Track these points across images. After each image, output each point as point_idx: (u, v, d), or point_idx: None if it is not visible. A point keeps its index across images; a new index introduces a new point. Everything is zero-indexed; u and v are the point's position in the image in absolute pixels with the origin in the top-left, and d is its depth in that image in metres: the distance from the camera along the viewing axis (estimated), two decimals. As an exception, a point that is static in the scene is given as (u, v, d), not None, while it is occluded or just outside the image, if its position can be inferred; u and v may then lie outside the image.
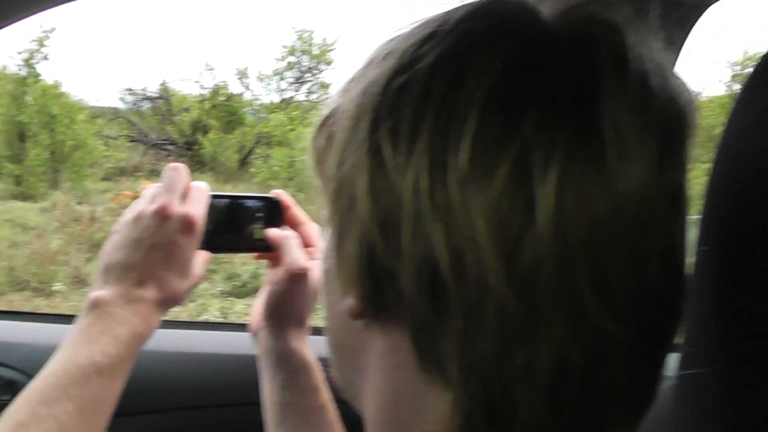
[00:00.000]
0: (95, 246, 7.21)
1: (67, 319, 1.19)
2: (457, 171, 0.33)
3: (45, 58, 12.73)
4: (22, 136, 11.92)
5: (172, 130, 16.23)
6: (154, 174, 12.52)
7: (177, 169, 0.73)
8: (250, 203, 0.83)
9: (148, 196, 0.72)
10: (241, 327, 1.13)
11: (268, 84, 16.59)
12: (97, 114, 14.80)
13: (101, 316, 0.64)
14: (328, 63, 16.61)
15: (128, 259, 0.68)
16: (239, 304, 5.43)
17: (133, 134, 16.32)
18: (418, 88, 0.36)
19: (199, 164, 14.64)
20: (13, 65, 12.33)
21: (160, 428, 1.09)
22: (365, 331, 0.41)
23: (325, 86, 16.59)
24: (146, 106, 17.16)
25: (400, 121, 0.36)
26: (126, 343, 0.64)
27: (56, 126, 12.07)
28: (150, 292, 0.67)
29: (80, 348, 0.62)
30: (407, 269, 0.35)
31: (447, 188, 0.34)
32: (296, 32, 15.95)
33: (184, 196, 0.72)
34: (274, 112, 15.14)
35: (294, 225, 0.84)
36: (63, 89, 12.56)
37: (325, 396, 0.80)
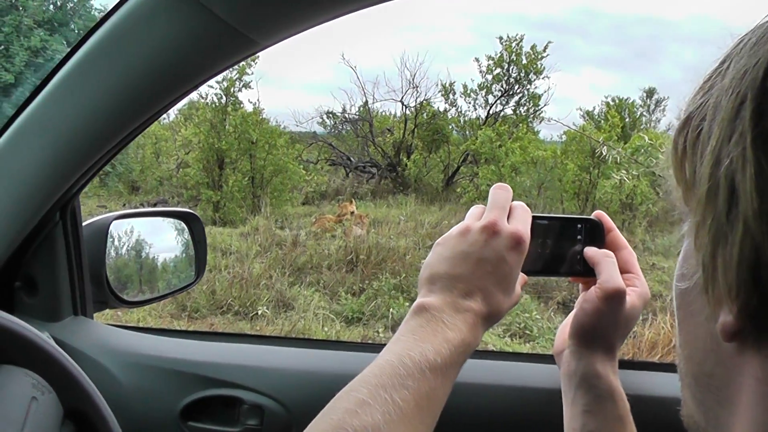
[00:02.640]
0: (298, 270, 7.41)
1: (314, 343, 1.33)
2: None
3: (245, 86, 13.15)
4: (221, 163, 12.47)
5: (374, 152, 16.57)
6: (356, 197, 12.63)
7: (503, 188, 0.80)
8: (570, 225, 0.88)
9: (474, 213, 0.79)
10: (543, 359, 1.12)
11: (474, 99, 16.26)
12: (296, 139, 15.21)
13: (431, 320, 0.68)
14: (539, 72, 15.93)
15: (454, 271, 0.73)
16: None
17: (333, 158, 16.95)
18: None
19: (402, 186, 15.15)
20: (213, 94, 12.99)
21: None
22: (737, 356, 0.40)
23: (535, 98, 16.15)
24: (347, 128, 17.78)
25: None
26: (457, 348, 0.67)
27: (256, 152, 12.36)
28: (477, 305, 0.71)
29: (412, 345, 0.65)
30: None
31: None
32: (503, 42, 15.61)
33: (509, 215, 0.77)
34: (480, 128, 14.70)
35: (614, 249, 0.87)
36: (263, 116, 12.96)
37: (632, 429, 0.80)
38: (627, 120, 18.41)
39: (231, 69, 12.51)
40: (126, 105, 0.88)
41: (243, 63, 12.86)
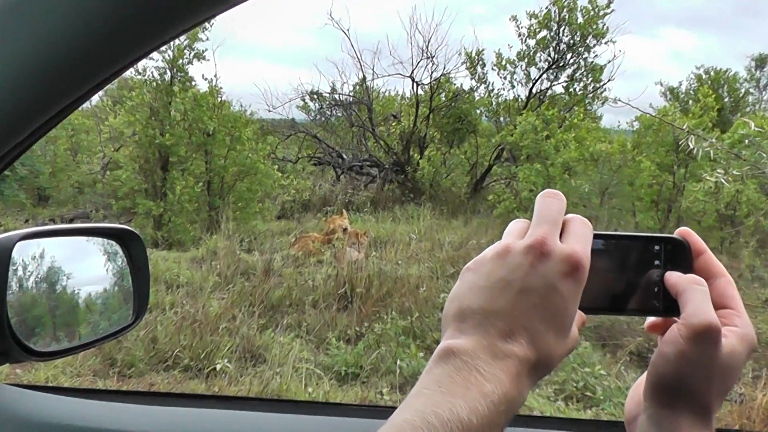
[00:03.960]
0: (272, 308, 7.48)
1: (297, 407, 1.39)
2: None
3: (198, 56, 13.08)
4: (165, 163, 12.50)
5: (374, 146, 16.64)
6: (350, 208, 12.61)
7: (554, 196, 0.82)
8: (645, 246, 0.89)
9: (515, 229, 0.82)
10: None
11: (512, 72, 16.40)
12: (269, 129, 15.23)
13: (461, 368, 0.70)
14: (600, 35, 15.87)
15: (490, 304, 0.75)
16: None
17: (319, 155, 17.13)
18: None
19: (413, 192, 15.22)
20: (153, 68, 12.86)
21: None
22: None
23: (596, 70, 16.08)
24: (337, 115, 17.88)
25: None
26: (497, 405, 0.68)
27: (213, 148, 12.33)
28: (521, 348, 0.72)
29: (439, 400, 0.67)
30: None
31: None
32: (550, -6, 15.64)
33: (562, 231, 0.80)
34: (520, 112, 14.80)
35: (706, 277, 0.86)
36: (222, 98, 13.11)
37: None
38: (727, 100, 18.45)
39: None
40: (38, 86, 0.89)
41: (195, 26, 12.83)
